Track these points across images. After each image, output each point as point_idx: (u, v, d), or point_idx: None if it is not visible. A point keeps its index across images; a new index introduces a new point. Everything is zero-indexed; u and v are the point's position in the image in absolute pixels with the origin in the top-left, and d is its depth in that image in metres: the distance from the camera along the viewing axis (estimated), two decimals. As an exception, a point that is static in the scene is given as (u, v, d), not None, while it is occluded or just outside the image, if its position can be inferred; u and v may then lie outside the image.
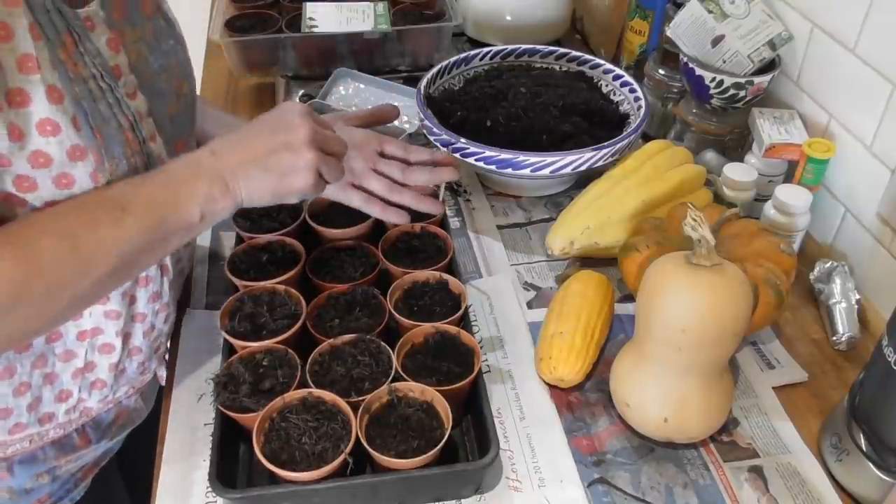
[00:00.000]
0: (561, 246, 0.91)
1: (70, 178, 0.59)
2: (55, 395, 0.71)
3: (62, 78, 0.57)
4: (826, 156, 0.92)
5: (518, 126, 1.02)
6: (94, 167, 0.60)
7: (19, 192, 0.58)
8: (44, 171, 0.58)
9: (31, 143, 0.56)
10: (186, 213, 0.62)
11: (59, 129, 0.57)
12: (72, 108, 0.58)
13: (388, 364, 0.74)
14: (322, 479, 0.65)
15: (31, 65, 0.55)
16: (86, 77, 0.60)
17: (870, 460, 0.69)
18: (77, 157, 0.59)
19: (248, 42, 1.26)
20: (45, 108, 0.56)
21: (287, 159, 0.66)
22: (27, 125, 0.56)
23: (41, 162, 0.57)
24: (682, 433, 0.73)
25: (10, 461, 0.72)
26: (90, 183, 0.60)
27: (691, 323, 0.67)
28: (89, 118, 0.60)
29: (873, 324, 0.89)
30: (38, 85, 0.56)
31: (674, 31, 1.07)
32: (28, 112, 0.56)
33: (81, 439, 0.77)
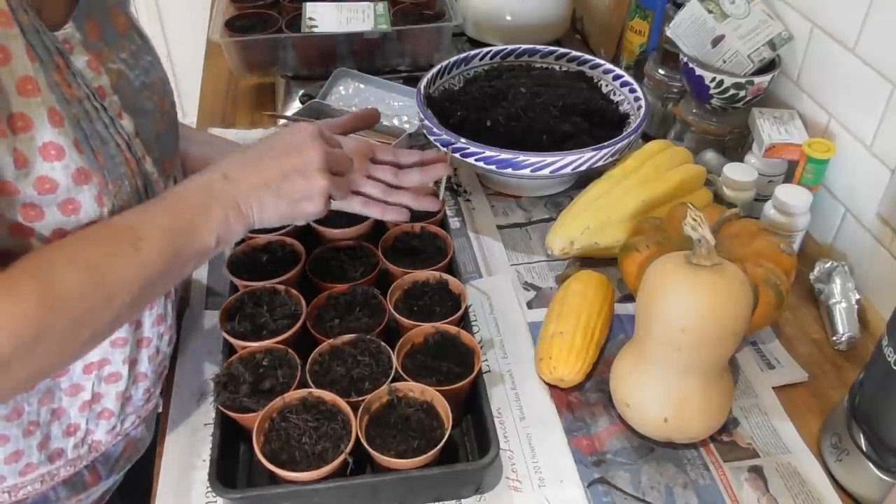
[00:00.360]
0: (561, 246, 0.91)
1: (76, 204, 0.58)
2: (63, 430, 0.69)
3: (59, 100, 0.56)
4: (826, 156, 0.92)
5: (518, 126, 1.02)
6: (99, 190, 0.59)
7: (26, 221, 0.56)
8: (49, 197, 0.56)
9: (36, 169, 0.55)
10: (202, 240, 0.62)
11: (63, 152, 0.56)
12: (72, 130, 0.57)
13: (388, 364, 0.74)
14: (322, 479, 0.65)
15: (30, 87, 0.54)
16: (80, 98, 0.59)
17: (870, 460, 0.69)
18: (82, 181, 0.58)
19: (248, 42, 1.26)
20: (48, 132, 0.55)
21: (300, 185, 0.66)
22: (31, 151, 0.55)
23: (47, 188, 0.56)
24: (682, 433, 0.73)
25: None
26: (95, 207, 0.59)
27: (691, 323, 0.67)
28: (89, 140, 0.59)
29: (873, 324, 0.89)
30: (39, 108, 0.54)
31: (674, 31, 1.07)
32: (31, 137, 0.54)
33: (92, 476, 0.75)
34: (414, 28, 1.28)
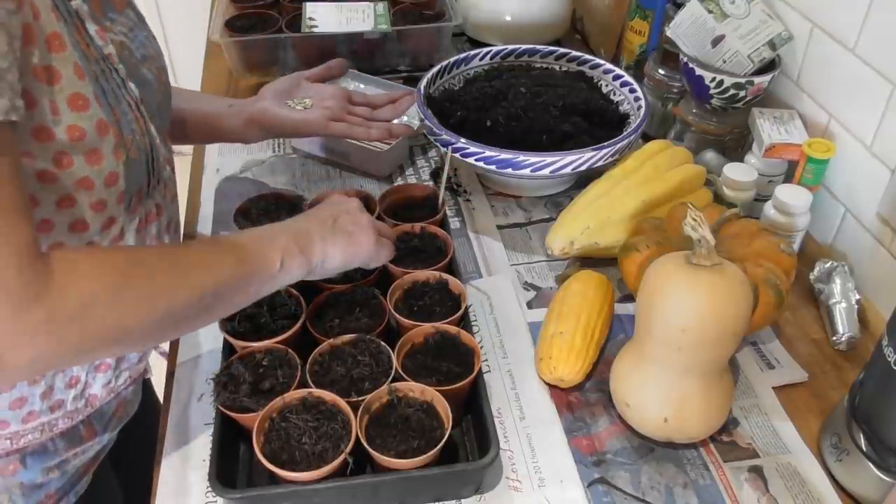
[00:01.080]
0: (561, 246, 0.91)
1: (99, 154, 0.61)
2: (66, 382, 0.72)
3: (81, 57, 0.60)
4: (826, 156, 0.92)
5: (518, 126, 1.02)
6: (115, 143, 0.62)
7: (58, 168, 0.59)
8: (79, 145, 0.60)
9: (66, 118, 0.59)
10: (268, 258, 0.67)
11: (88, 103, 0.60)
12: (91, 85, 0.60)
13: (388, 364, 0.74)
14: (322, 479, 0.65)
15: (58, 43, 0.57)
16: (96, 58, 0.63)
17: (870, 460, 0.69)
18: (103, 132, 0.61)
19: (248, 42, 1.26)
20: (75, 84, 0.59)
21: (350, 220, 0.75)
22: (61, 101, 0.58)
23: (77, 136, 0.59)
24: (682, 433, 0.73)
25: (22, 453, 0.73)
26: (113, 160, 0.62)
27: (691, 323, 0.67)
28: (106, 95, 0.62)
29: (873, 324, 0.89)
30: (66, 62, 0.58)
31: (674, 31, 1.07)
32: (60, 88, 0.58)
33: (87, 431, 0.77)
34: (414, 28, 1.28)
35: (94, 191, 0.62)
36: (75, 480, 0.80)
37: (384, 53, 1.29)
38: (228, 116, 0.94)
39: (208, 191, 1.07)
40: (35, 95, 0.56)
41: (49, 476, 0.76)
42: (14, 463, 0.73)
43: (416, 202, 0.97)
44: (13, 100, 0.52)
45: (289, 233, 0.70)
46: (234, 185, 1.09)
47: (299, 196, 0.97)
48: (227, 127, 0.94)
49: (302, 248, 0.69)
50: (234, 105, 0.95)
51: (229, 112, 0.94)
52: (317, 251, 0.71)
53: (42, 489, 0.76)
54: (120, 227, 0.67)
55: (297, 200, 0.95)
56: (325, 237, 0.72)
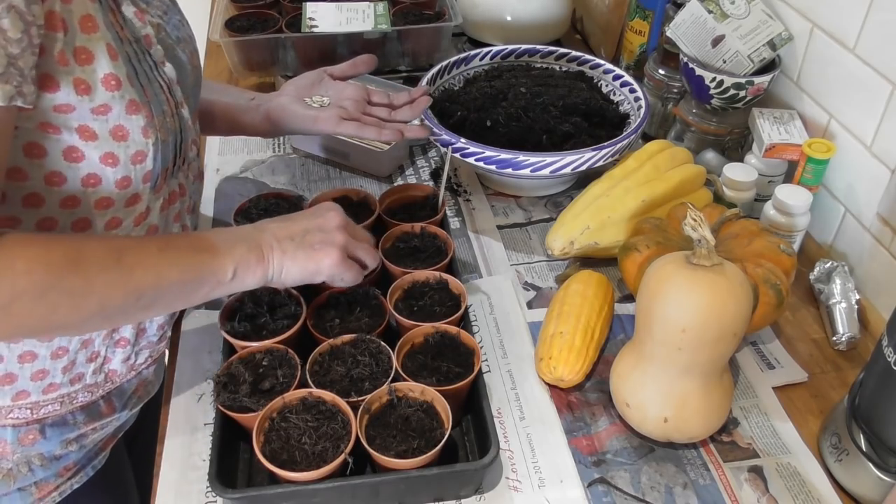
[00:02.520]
0: (561, 246, 0.91)
1: (125, 131, 0.63)
2: (87, 356, 0.74)
3: (114, 38, 0.62)
4: (826, 156, 0.92)
5: (518, 126, 1.02)
6: (146, 122, 0.64)
7: (82, 139, 0.61)
8: (102, 119, 0.62)
9: (98, 97, 0.61)
10: (220, 267, 0.66)
11: (120, 83, 0.62)
12: (124, 66, 0.62)
13: (388, 364, 0.74)
14: (322, 479, 0.65)
15: (91, 24, 0.59)
16: (130, 40, 0.65)
17: (870, 460, 0.69)
18: (133, 111, 0.63)
19: (248, 42, 1.26)
20: (108, 65, 0.61)
21: (318, 237, 0.72)
22: (94, 80, 0.60)
23: (101, 111, 0.61)
24: (682, 433, 0.73)
25: (42, 423, 0.74)
26: (142, 138, 0.64)
27: (691, 323, 0.67)
28: (138, 76, 0.64)
29: (873, 324, 0.89)
30: (99, 43, 0.60)
31: (674, 31, 1.07)
32: (93, 69, 0.60)
33: (107, 406, 0.79)
34: (414, 28, 1.28)
35: (118, 167, 0.64)
36: (93, 455, 0.82)
37: (384, 53, 1.29)
38: (248, 111, 0.95)
39: (208, 191, 1.07)
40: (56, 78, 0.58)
41: (68, 448, 0.78)
42: (34, 433, 0.74)
43: (416, 202, 0.97)
44: (21, 85, 0.54)
45: (250, 242, 0.69)
46: (234, 185, 1.09)
47: (299, 196, 0.97)
48: (247, 121, 0.95)
49: (259, 259, 0.69)
50: (256, 99, 0.96)
51: (249, 106, 0.95)
52: (274, 264, 0.70)
53: (60, 461, 0.78)
54: (146, 204, 0.69)
55: (297, 200, 0.95)
56: (285, 251, 0.71)
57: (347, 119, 0.93)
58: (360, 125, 0.93)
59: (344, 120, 0.93)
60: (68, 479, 0.80)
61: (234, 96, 0.97)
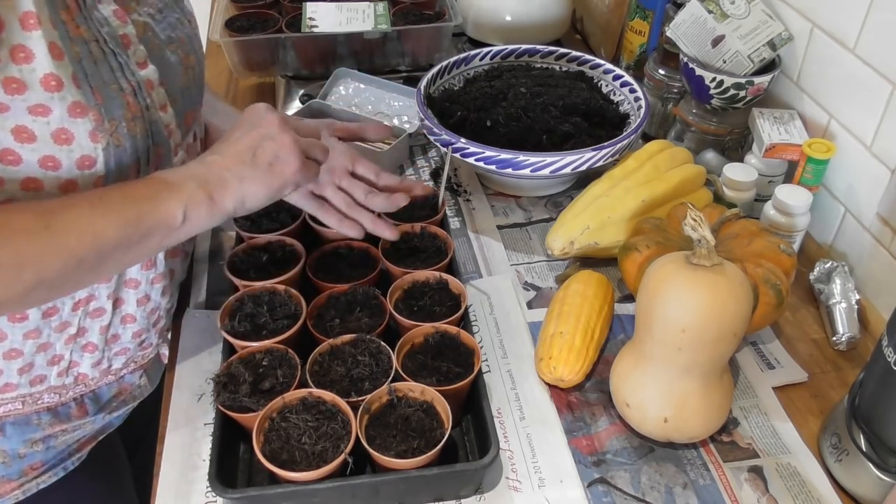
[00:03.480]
0: (561, 246, 0.91)
1: (69, 134, 0.60)
2: (47, 360, 0.72)
3: (62, 36, 0.59)
4: (826, 156, 0.92)
5: (518, 126, 1.02)
6: (94, 126, 0.61)
7: (17, 142, 0.59)
8: (42, 121, 0.59)
9: (34, 97, 0.58)
10: (167, 212, 0.62)
11: (62, 84, 0.59)
12: (71, 65, 0.59)
13: (388, 364, 0.74)
14: (322, 479, 0.65)
15: (32, 22, 0.57)
16: (87, 39, 0.61)
17: (870, 460, 0.69)
18: (77, 114, 0.60)
19: (248, 42, 1.26)
20: (49, 64, 0.58)
21: (269, 148, 0.67)
22: (31, 79, 0.57)
23: (40, 111, 0.59)
24: (682, 433, 0.73)
25: (2, 421, 0.73)
26: (89, 142, 0.61)
27: (691, 323, 0.67)
28: (88, 78, 0.61)
29: (873, 324, 0.89)
30: (39, 41, 0.57)
31: (674, 31, 1.07)
32: (32, 68, 0.57)
33: (79, 410, 0.78)
34: (414, 28, 1.28)
35: (61, 170, 0.61)
36: (65, 457, 0.80)
37: (384, 53, 1.29)
38: None
39: (208, 191, 1.07)
40: None
41: (33, 448, 0.76)
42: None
43: (416, 202, 0.97)
44: None
45: (197, 178, 0.64)
46: (234, 185, 1.09)
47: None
48: None
49: (211, 193, 0.64)
50: None
51: None
52: (231, 195, 0.65)
53: (24, 460, 0.77)
54: None
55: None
56: (243, 177, 0.65)
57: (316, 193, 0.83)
58: (324, 208, 0.82)
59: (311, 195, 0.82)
60: (34, 478, 0.78)
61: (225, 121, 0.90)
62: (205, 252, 0.97)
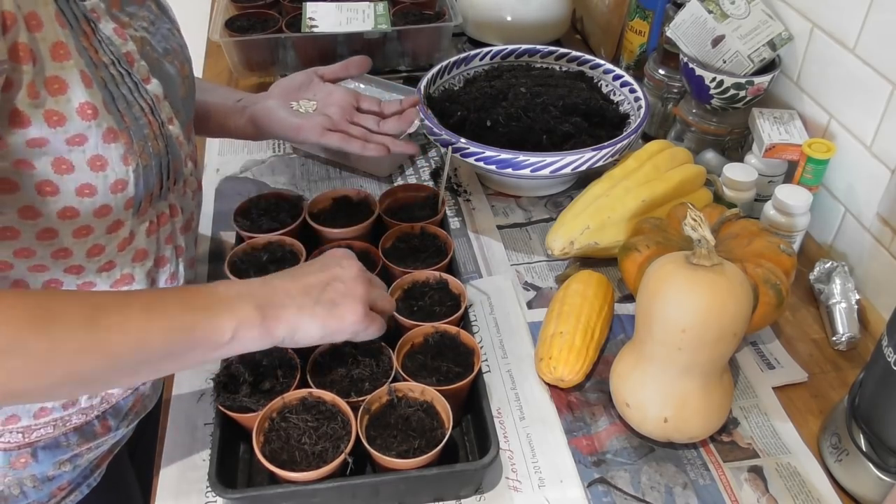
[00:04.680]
0: (561, 246, 0.91)
1: (104, 161, 0.60)
2: None
3: (88, 63, 0.59)
4: (826, 156, 0.92)
5: (518, 126, 1.02)
6: (125, 150, 0.62)
7: (57, 173, 0.59)
8: (78, 150, 0.59)
9: (73, 127, 0.58)
10: (217, 327, 0.60)
11: (97, 112, 0.59)
12: (100, 92, 0.60)
13: (388, 364, 0.74)
14: (322, 479, 0.65)
15: (63, 52, 0.57)
16: (106, 63, 0.62)
17: (870, 460, 0.69)
18: (111, 140, 0.60)
19: (248, 42, 1.26)
20: (83, 93, 0.58)
21: (339, 290, 0.66)
22: (69, 110, 0.57)
23: (77, 141, 0.59)
24: (682, 433, 0.73)
25: (34, 446, 0.73)
26: (122, 166, 0.62)
27: (691, 323, 0.67)
28: (115, 102, 0.62)
29: (873, 324, 0.89)
30: (72, 71, 0.57)
31: (674, 31, 1.07)
32: (67, 98, 0.57)
33: (102, 427, 0.77)
34: (414, 28, 1.28)
35: (96, 197, 0.61)
36: (88, 473, 0.80)
37: (384, 53, 1.29)
38: (234, 113, 0.92)
39: (208, 191, 1.07)
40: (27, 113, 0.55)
41: (61, 469, 0.76)
42: (25, 456, 0.73)
43: (416, 202, 0.97)
44: None
45: (257, 298, 0.62)
46: (234, 185, 1.09)
47: (299, 196, 0.97)
48: (232, 124, 0.92)
49: (266, 317, 0.61)
50: (243, 100, 0.93)
51: (235, 108, 0.92)
52: (285, 323, 0.63)
53: (53, 482, 0.77)
54: (129, 230, 0.67)
55: (297, 200, 0.95)
56: (302, 307, 0.63)
57: (332, 129, 0.90)
58: (345, 137, 0.89)
59: (328, 130, 0.89)
60: (62, 498, 0.78)
61: (222, 97, 0.94)
62: (205, 252, 0.97)
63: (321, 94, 0.94)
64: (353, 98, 0.94)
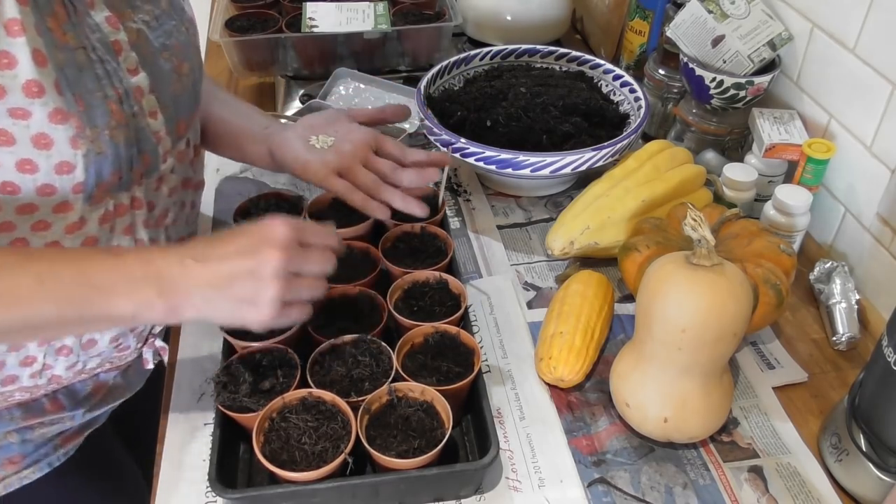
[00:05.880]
0: (561, 246, 0.91)
1: (49, 140, 0.60)
2: (20, 360, 0.71)
3: (47, 44, 0.59)
4: (826, 156, 0.92)
5: (518, 126, 1.02)
6: (75, 133, 0.61)
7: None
8: (21, 124, 0.59)
9: (14, 101, 0.58)
10: (116, 307, 0.59)
11: (43, 90, 0.59)
12: (54, 72, 0.60)
13: (388, 364, 0.74)
14: (322, 479, 0.65)
15: (16, 28, 0.57)
16: (74, 47, 0.61)
17: (870, 460, 0.69)
18: (58, 121, 0.60)
19: (248, 42, 1.26)
20: (31, 70, 0.58)
21: (248, 289, 0.61)
22: (13, 85, 0.58)
23: (19, 114, 0.59)
24: (682, 433, 0.73)
25: None
26: (69, 149, 0.61)
27: (691, 323, 0.67)
28: (71, 86, 0.61)
29: (873, 324, 0.89)
30: (22, 47, 0.58)
31: (674, 31, 1.07)
32: (14, 73, 0.58)
33: (52, 405, 0.77)
34: (414, 28, 1.28)
35: (38, 174, 0.61)
36: (49, 451, 0.80)
37: (384, 53, 1.29)
38: (257, 141, 0.88)
39: (208, 191, 1.07)
40: None
41: (7, 440, 0.77)
42: None
43: (415, 202, 0.97)
44: None
45: (161, 284, 0.60)
46: (234, 185, 1.09)
47: (299, 196, 0.97)
48: (253, 151, 0.89)
49: (168, 300, 0.60)
50: (270, 128, 0.89)
51: (259, 136, 0.88)
52: (191, 310, 0.61)
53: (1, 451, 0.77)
54: (78, 214, 0.65)
55: (297, 200, 0.95)
56: (208, 299, 0.61)
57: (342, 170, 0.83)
58: (349, 187, 0.82)
59: (333, 175, 0.82)
60: (15, 472, 0.78)
61: (249, 119, 0.90)
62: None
63: (342, 130, 0.87)
64: (372, 139, 0.85)
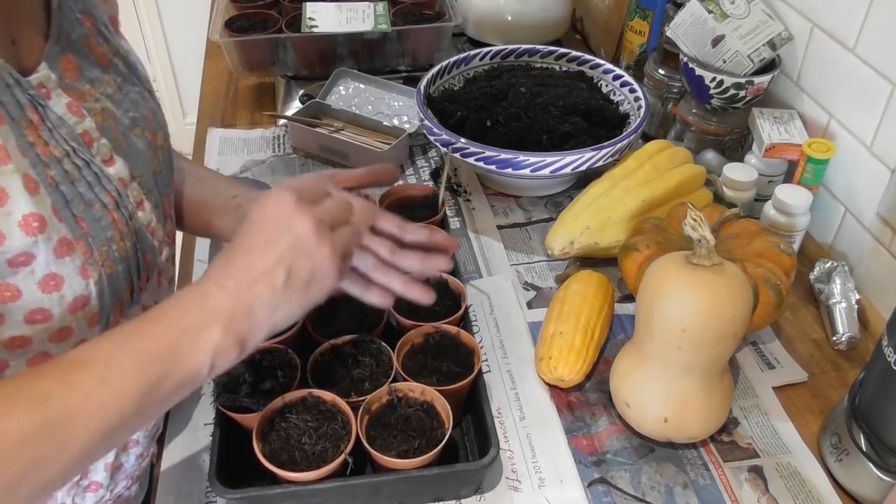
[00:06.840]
0: (561, 246, 0.91)
1: (58, 279, 0.52)
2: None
3: (34, 163, 0.50)
4: (826, 156, 0.92)
5: (518, 126, 1.02)
6: (83, 261, 0.53)
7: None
8: (25, 271, 0.50)
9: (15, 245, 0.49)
10: (192, 369, 0.51)
11: (44, 224, 0.50)
12: (49, 196, 0.51)
13: (388, 364, 0.74)
14: (322, 479, 0.65)
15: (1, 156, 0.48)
16: (59, 157, 0.53)
17: (870, 460, 0.69)
18: (64, 253, 0.52)
19: (248, 42, 1.26)
20: (27, 202, 0.49)
21: (306, 267, 0.54)
22: (8, 226, 0.48)
23: (22, 261, 0.50)
24: (682, 433, 0.73)
25: None
26: (80, 280, 0.53)
27: (691, 323, 0.67)
28: (70, 205, 0.53)
29: (873, 324, 0.89)
30: (13, 177, 0.48)
31: (674, 31, 1.07)
32: (8, 211, 0.48)
33: None
34: (414, 28, 1.28)
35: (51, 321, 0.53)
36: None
37: (384, 53, 1.29)
38: (225, 213, 0.76)
39: (208, 191, 1.07)
40: None
41: None
42: None
43: (416, 202, 0.97)
44: None
45: (221, 316, 0.51)
46: (234, 185, 1.09)
47: (299, 196, 0.97)
48: (219, 224, 0.77)
49: (239, 334, 0.52)
50: (239, 197, 0.77)
51: (228, 207, 0.77)
52: (263, 329, 0.54)
53: None
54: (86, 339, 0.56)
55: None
56: (276, 305, 0.53)
57: None
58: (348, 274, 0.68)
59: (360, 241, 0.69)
60: None
61: (214, 190, 0.78)
62: (204, 252, 0.97)
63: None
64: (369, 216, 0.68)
